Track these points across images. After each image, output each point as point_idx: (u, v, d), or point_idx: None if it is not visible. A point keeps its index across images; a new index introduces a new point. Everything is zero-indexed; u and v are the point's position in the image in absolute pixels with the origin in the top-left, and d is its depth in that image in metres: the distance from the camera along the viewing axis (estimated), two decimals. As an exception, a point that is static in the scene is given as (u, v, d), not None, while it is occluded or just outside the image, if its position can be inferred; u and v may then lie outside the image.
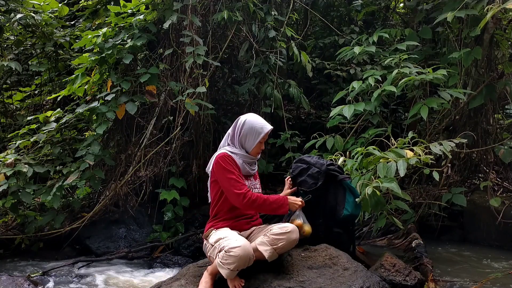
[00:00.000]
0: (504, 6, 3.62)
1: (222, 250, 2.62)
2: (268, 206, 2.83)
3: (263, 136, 2.93)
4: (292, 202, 2.90)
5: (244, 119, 2.97)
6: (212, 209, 3.00)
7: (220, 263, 2.61)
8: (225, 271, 2.60)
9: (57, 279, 3.95)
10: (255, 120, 2.97)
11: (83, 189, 5.26)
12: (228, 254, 2.58)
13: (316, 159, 3.14)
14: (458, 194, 4.18)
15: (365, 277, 2.77)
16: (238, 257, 2.56)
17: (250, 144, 2.94)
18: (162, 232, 4.90)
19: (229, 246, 2.59)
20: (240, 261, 2.57)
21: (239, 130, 2.95)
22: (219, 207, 2.94)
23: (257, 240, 2.77)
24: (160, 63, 4.92)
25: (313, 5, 6.83)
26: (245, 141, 2.94)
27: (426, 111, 3.87)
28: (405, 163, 3.19)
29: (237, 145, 2.95)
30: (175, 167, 5.06)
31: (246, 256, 2.58)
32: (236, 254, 2.56)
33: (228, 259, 2.58)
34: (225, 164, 2.83)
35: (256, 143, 2.93)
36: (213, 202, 3.00)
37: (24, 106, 6.45)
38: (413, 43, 4.64)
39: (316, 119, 6.84)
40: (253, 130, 2.92)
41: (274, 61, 5.34)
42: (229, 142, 2.99)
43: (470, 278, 3.55)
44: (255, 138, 2.92)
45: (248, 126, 2.93)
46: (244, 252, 2.57)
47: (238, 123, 2.98)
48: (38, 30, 5.65)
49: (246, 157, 2.94)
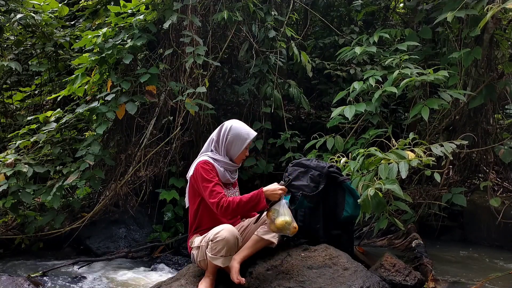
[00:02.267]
0: (504, 6, 3.62)
1: (209, 243, 2.63)
2: (243, 208, 2.68)
3: (248, 143, 2.90)
4: (271, 193, 2.70)
5: (230, 125, 2.91)
6: (192, 218, 2.91)
7: (213, 256, 2.62)
8: (220, 260, 2.61)
9: (57, 279, 3.95)
10: (241, 126, 2.92)
11: (83, 189, 5.26)
12: (215, 241, 2.59)
13: (315, 162, 3.12)
14: (458, 194, 4.19)
15: (365, 277, 2.77)
16: (225, 239, 2.57)
17: (236, 151, 2.90)
18: (162, 232, 4.91)
19: (213, 233, 2.62)
20: (228, 243, 2.58)
21: (225, 137, 2.89)
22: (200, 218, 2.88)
23: (259, 232, 2.81)
24: (160, 63, 4.92)
25: (313, 5, 6.82)
26: (230, 147, 2.89)
27: (427, 112, 3.87)
28: (406, 164, 3.19)
29: (222, 152, 2.89)
30: (175, 167, 5.06)
31: (232, 236, 2.59)
32: (222, 236, 2.58)
33: (216, 246, 2.59)
34: (203, 172, 2.76)
35: (241, 149, 2.89)
36: (192, 209, 2.91)
37: (24, 106, 6.44)
38: (413, 43, 4.64)
39: (316, 119, 6.83)
40: (239, 136, 2.88)
41: (274, 61, 5.34)
42: (213, 148, 2.92)
43: (470, 278, 3.55)
44: (241, 145, 2.89)
45: (234, 133, 2.88)
46: (229, 233, 2.59)
47: (223, 129, 2.91)
48: (38, 30, 5.65)
49: (228, 165, 2.90)
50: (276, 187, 2.74)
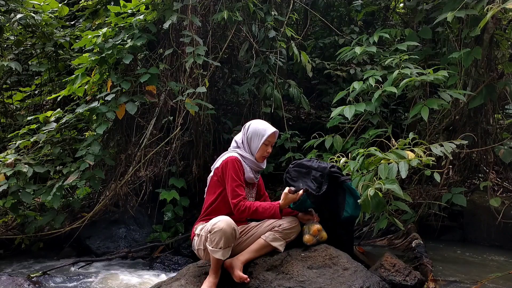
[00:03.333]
0: (504, 6, 3.62)
1: (208, 234, 2.70)
2: (258, 216, 2.89)
3: (266, 138, 3.00)
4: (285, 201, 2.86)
5: (250, 123, 3.11)
6: (206, 206, 3.02)
7: (212, 249, 2.68)
8: (219, 252, 2.67)
9: (57, 279, 3.95)
10: (260, 123, 3.10)
11: (83, 189, 5.26)
12: (213, 232, 2.66)
13: (317, 162, 3.11)
14: (458, 194, 4.18)
15: (365, 277, 2.78)
16: (222, 230, 2.64)
17: (255, 146, 3.02)
18: (162, 232, 4.91)
19: (211, 224, 2.70)
20: (226, 233, 2.65)
21: (246, 132, 3.07)
22: (216, 206, 2.97)
23: (267, 237, 2.87)
24: (160, 63, 4.91)
25: (313, 5, 6.83)
26: (251, 143, 3.03)
27: (427, 112, 3.87)
28: (406, 164, 3.19)
29: (246, 149, 3.05)
30: (175, 167, 5.06)
31: (229, 227, 2.66)
32: (219, 227, 2.65)
33: (214, 237, 2.66)
34: (232, 169, 2.91)
35: (260, 144, 3.00)
36: (210, 199, 3.01)
37: (24, 106, 6.44)
38: (413, 43, 4.64)
39: (316, 119, 6.83)
40: (257, 132, 3.02)
41: (274, 61, 5.34)
42: (239, 144, 3.08)
43: (470, 278, 3.54)
44: (259, 140, 3.00)
45: (252, 129, 3.05)
46: (226, 224, 2.66)
47: (246, 126, 3.10)
48: (38, 30, 5.65)
49: (253, 164, 3.03)
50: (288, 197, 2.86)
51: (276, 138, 3.12)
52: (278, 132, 3.10)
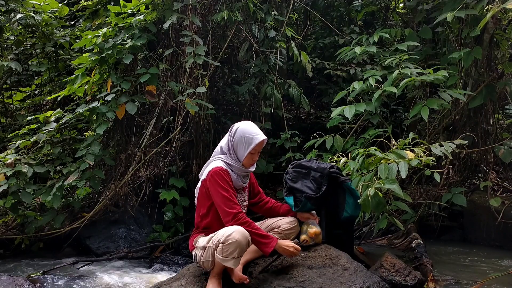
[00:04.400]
0: (504, 6, 3.62)
1: (219, 245, 2.60)
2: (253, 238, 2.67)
3: (253, 147, 2.78)
4: (284, 247, 2.73)
5: (237, 127, 2.85)
6: (199, 219, 2.88)
7: (223, 258, 2.59)
8: (231, 261, 2.60)
9: (57, 279, 3.95)
10: (247, 129, 2.83)
11: (83, 189, 5.26)
12: (227, 243, 2.56)
13: (316, 163, 3.11)
14: (458, 194, 4.19)
15: (365, 277, 2.78)
16: (237, 242, 2.55)
17: (241, 154, 2.81)
18: (162, 232, 4.90)
19: (224, 235, 2.58)
20: (240, 244, 2.57)
21: (232, 138, 2.85)
22: (211, 221, 2.83)
23: None
24: (160, 63, 4.91)
25: (313, 5, 6.82)
26: (237, 149, 2.83)
27: (427, 112, 3.87)
28: (406, 164, 3.19)
29: (232, 154, 2.84)
30: (175, 167, 5.06)
31: (244, 238, 2.58)
32: (234, 239, 2.55)
33: (228, 248, 2.57)
34: (220, 180, 2.72)
35: (246, 153, 2.79)
36: (201, 212, 2.87)
37: (24, 106, 6.45)
38: (413, 43, 4.64)
39: (316, 119, 6.84)
40: (243, 139, 2.80)
41: (274, 61, 5.34)
42: (225, 151, 2.87)
43: (470, 278, 3.55)
44: (246, 148, 2.79)
45: (239, 135, 2.81)
46: (241, 235, 2.57)
47: (232, 130, 2.87)
48: (38, 30, 5.65)
49: (240, 171, 2.84)
50: (289, 244, 2.75)
51: (264, 145, 2.87)
52: (266, 139, 2.86)
